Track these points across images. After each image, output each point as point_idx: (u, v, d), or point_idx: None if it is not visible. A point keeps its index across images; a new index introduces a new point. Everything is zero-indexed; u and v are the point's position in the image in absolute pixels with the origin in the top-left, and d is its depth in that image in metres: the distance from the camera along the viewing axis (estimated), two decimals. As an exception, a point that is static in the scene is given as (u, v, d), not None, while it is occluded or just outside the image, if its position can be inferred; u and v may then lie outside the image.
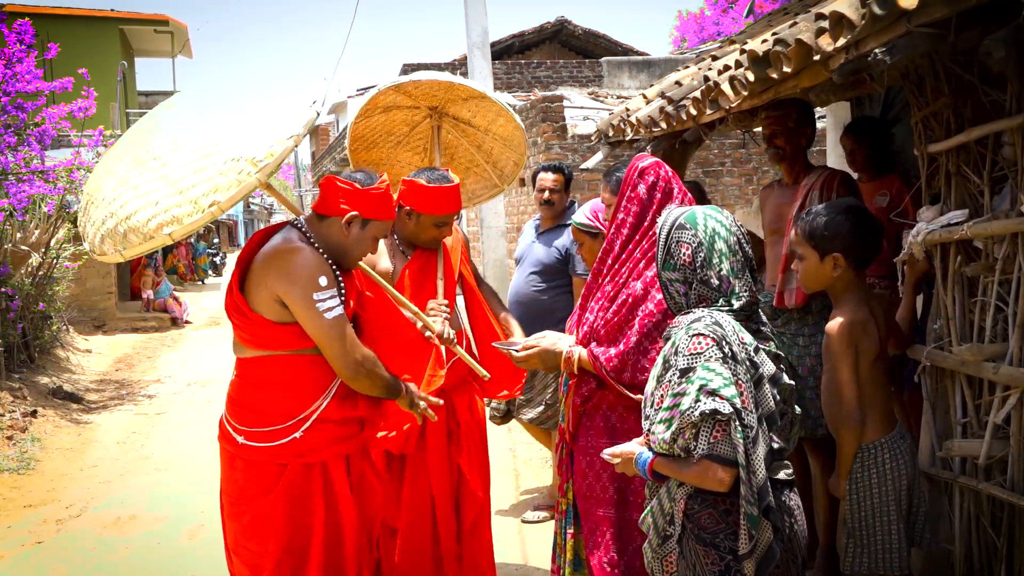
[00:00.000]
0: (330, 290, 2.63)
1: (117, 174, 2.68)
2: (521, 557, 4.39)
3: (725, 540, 2.19)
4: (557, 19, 19.21)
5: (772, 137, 3.86)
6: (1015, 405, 2.63)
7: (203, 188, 2.43)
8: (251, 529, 2.72)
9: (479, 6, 8.97)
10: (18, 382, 8.26)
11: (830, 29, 2.58)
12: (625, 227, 2.82)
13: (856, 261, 2.80)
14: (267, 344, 2.70)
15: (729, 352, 2.16)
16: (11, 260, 8.84)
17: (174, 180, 2.50)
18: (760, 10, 11.19)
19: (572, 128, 11.15)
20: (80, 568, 4.56)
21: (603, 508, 2.81)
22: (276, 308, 2.65)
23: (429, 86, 3.82)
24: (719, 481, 2.13)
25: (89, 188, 2.78)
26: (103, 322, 13.75)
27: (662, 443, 2.21)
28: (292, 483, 2.70)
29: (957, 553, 2.87)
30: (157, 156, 2.66)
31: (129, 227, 2.46)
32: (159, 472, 6.29)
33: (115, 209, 2.52)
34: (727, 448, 2.11)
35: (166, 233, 2.40)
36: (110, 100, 18.36)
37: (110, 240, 2.50)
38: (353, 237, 2.75)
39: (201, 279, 24.09)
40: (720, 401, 2.10)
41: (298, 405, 2.70)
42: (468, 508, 3.47)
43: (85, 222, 2.68)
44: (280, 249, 2.68)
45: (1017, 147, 2.61)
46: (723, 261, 2.29)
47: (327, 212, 2.75)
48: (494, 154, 4.15)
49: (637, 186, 2.82)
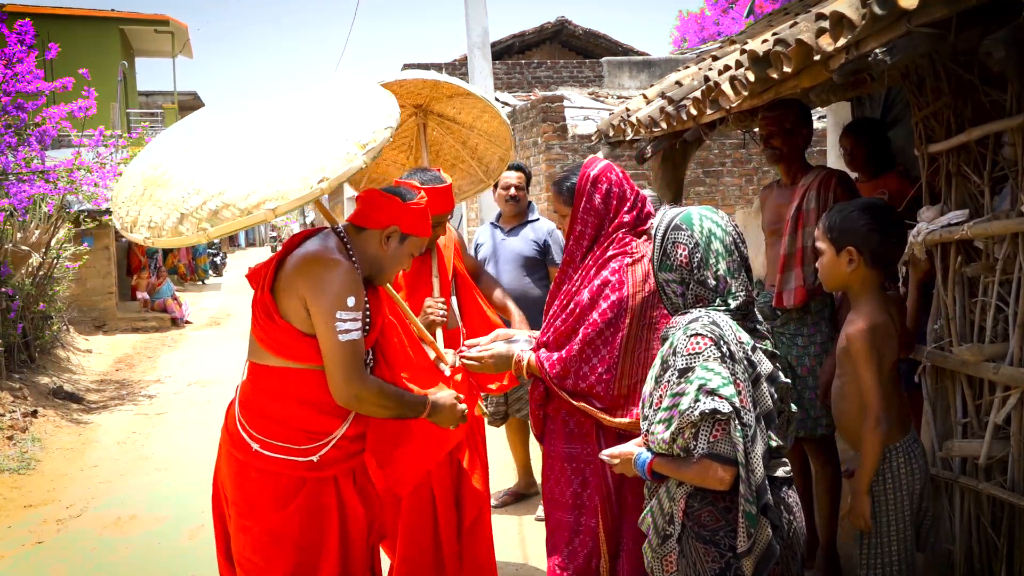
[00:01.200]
0: (354, 312, 2.53)
1: (189, 155, 2.53)
2: (521, 556, 4.40)
3: (725, 538, 2.19)
4: (557, 19, 19.22)
5: (769, 138, 3.86)
6: (1015, 405, 2.63)
7: (311, 166, 2.34)
8: (259, 543, 2.63)
9: (479, 6, 8.98)
10: (18, 382, 8.27)
11: (830, 29, 2.58)
12: (585, 239, 2.83)
13: (872, 257, 2.71)
14: (293, 355, 2.59)
15: (727, 352, 2.17)
16: (11, 260, 8.85)
17: (273, 157, 2.40)
18: (760, 10, 11.20)
19: (572, 128, 11.16)
20: (80, 568, 4.56)
21: (560, 511, 2.85)
22: (305, 317, 2.55)
23: (414, 84, 3.83)
24: (719, 480, 2.14)
25: (144, 172, 2.59)
26: (103, 322, 13.76)
27: (661, 443, 2.22)
28: (309, 498, 2.62)
29: (957, 553, 2.87)
30: (241, 135, 2.54)
31: (223, 203, 2.32)
32: (159, 472, 6.29)
33: (201, 186, 2.37)
34: (727, 447, 2.12)
35: (269, 208, 2.29)
36: (110, 100, 18.38)
37: (192, 219, 2.34)
38: (391, 251, 2.69)
39: (201, 279, 24.10)
40: (719, 400, 2.10)
41: (321, 424, 2.62)
42: (469, 506, 3.47)
43: (141, 207, 2.47)
44: (317, 257, 2.58)
45: (1017, 147, 2.60)
46: (720, 261, 2.29)
47: (366, 224, 2.67)
48: (479, 150, 4.17)
49: (592, 196, 2.82)
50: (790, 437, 2.41)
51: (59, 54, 8.45)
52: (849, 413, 2.76)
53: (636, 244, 2.79)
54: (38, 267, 9.56)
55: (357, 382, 2.55)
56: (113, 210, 2.60)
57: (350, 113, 2.56)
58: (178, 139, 2.72)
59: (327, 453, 2.62)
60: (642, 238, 2.82)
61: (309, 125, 2.53)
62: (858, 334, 2.67)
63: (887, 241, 2.71)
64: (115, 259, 14.68)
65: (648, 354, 2.71)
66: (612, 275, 2.73)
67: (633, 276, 2.73)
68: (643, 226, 2.85)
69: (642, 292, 2.72)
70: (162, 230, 2.39)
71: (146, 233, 2.42)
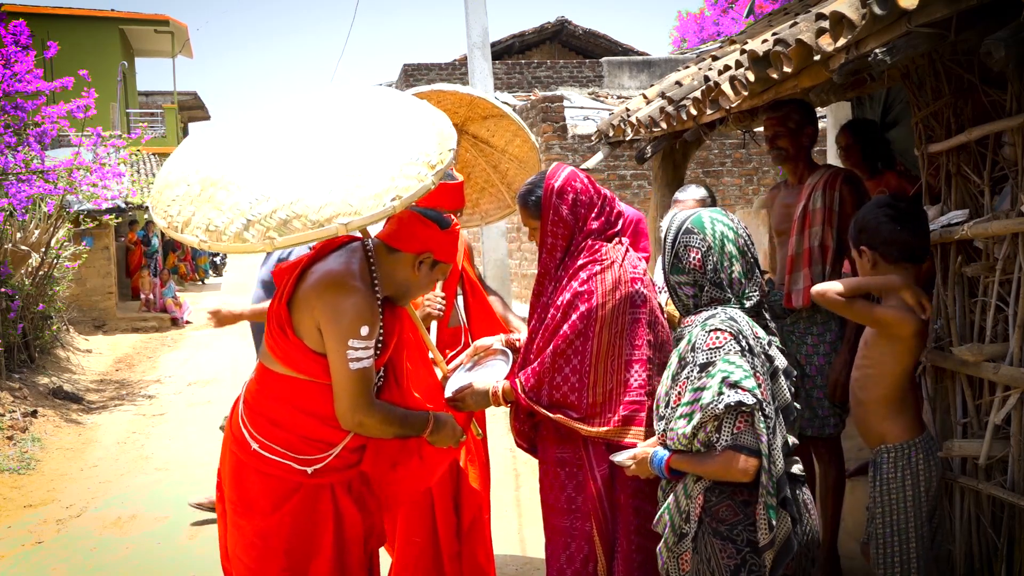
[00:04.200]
0: (367, 341, 2.51)
1: (250, 160, 2.44)
2: (521, 556, 4.40)
3: (743, 532, 2.21)
4: (557, 19, 19.24)
5: (774, 138, 3.85)
6: (1015, 405, 2.63)
7: (383, 184, 2.31)
8: (250, 544, 2.64)
9: (479, 6, 8.98)
10: (18, 382, 8.27)
11: (830, 29, 2.58)
12: (557, 250, 2.82)
13: (887, 253, 2.68)
14: (301, 369, 2.59)
15: (746, 345, 2.21)
16: (11, 260, 8.85)
17: (345, 171, 2.35)
18: (760, 10, 11.19)
19: (572, 128, 11.16)
20: (80, 568, 4.56)
21: (555, 517, 2.85)
22: (317, 337, 2.54)
23: (452, 101, 3.79)
24: (743, 471, 2.16)
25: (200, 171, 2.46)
26: (103, 322, 13.76)
27: (681, 438, 2.23)
28: (303, 503, 2.63)
29: (957, 553, 2.87)
30: (303, 145, 2.47)
31: (294, 212, 2.24)
32: (159, 472, 6.29)
33: (271, 193, 2.30)
34: (751, 438, 2.15)
35: (342, 223, 2.24)
36: (110, 100, 18.38)
37: (259, 226, 2.25)
38: (421, 276, 2.67)
39: (201, 279, 24.14)
40: (743, 393, 2.14)
41: (322, 434, 2.62)
42: (467, 507, 3.48)
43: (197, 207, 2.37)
44: (336, 281, 2.54)
45: (1017, 147, 2.60)
46: (734, 263, 2.33)
47: (399, 247, 2.64)
48: (509, 175, 4.15)
49: (559, 208, 2.80)
50: (795, 435, 2.44)
51: (59, 54, 8.46)
52: (868, 405, 2.75)
53: (606, 250, 2.77)
54: (38, 267, 9.56)
55: (363, 410, 2.55)
56: (155, 206, 2.49)
57: (416, 131, 2.52)
58: (230, 143, 2.60)
59: (325, 465, 2.63)
60: (612, 242, 2.81)
61: (378, 142, 2.47)
62: (896, 315, 2.66)
63: (897, 233, 2.67)
64: (115, 259, 14.69)
65: (621, 361, 2.71)
66: (581, 285, 2.73)
67: (603, 284, 2.72)
68: (612, 229, 2.84)
69: (612, 300, 2.70)
70: (223, 234, 2.29)
71: (203, 236, 2.32)
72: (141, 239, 17.54)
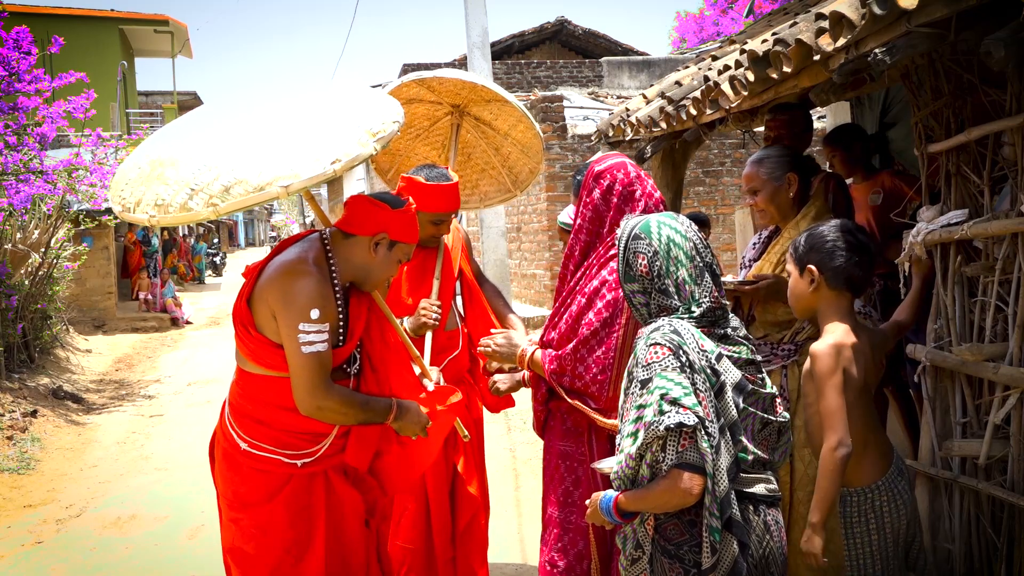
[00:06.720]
0: (319, 324, 2.52)
1: (200, 141, 2.55)
2: (520, 557, 4.40)
3: (689, 552, 2.14)
4: (557, 19, 19.23)
5: (778, 141, 3.85)
6: (1015, 405, 2.63)
7: (324, 149, 2.37)
8: (250, 534, 2.67)
9: (479, 6, 8.98)
10: (18, 382, 8.27)
11: (830, 29, 2.58)
12: (583, 232, 2.82)
13: (834, 277, 2.52)
14: (270, 365, 2.61)
15: (686, 361, 2.11)
16: (11, 260, 8.85)
17: (287, 140, 2.42)
18: (760, 10, 11.19)
19: (572, 128, 11.16)
20: (80, 568, 4.56)
21: (552, 507, 2.86)
22: (275, 327, 2.56)
23: (453, 84, 3.81)
24: (686, 490, 2.06)
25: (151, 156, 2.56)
26: (103, 322, 13.77)
27: (628, 459, 2.15)
28: (297, 490, 2.66)
29: (957, 553, 2.87)
30: (252, 124, 2.57)
31: (235, 179, 2.32)
32: (159, 472, 6.29)
33: (212, 163, 2.38)
34: (695, 455, 2.06)
35: (282, 185, 2.30)
36: (110, 100, 18.38)
37: (203, 194, 2.33)
38: (379, 258, 2.68)
39: (197, 278, 24.14)
40: (684, 412, 2.05)
41: (306, 426, 2.64)
42: (463, 509, 3.46)
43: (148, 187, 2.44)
44: (288, 269, 2.58)
45: (1017, 147, 2.61)
46: (679, 268, 2.24)
47: (354, 231, 2.67)
48: (511, 159, 4.15)
49: (592, 191, 2.80)
50: (781, 449, 2.33)
51: (59, 54, 8.44)
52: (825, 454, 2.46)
53: None
54: (37, 267, 9.56)
55: (320, 394, 2.56)
56: (112, 196, 2.58)
57: (360, 106, 2.61)
58: (184, 130, 2.73)
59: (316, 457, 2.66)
60: None
61: (320, 115, 2.57)
62: (822, 350, 2.46)
63: (850, 260, 2.51)
64: (114, 259, 14.69)
65: None
66: (610, 275, 2.72)
67: None
68: None
69: None
70: (169, 207, 2.37)
71: (151, 211, 2.39)
72: (140, 239, 17.54)
